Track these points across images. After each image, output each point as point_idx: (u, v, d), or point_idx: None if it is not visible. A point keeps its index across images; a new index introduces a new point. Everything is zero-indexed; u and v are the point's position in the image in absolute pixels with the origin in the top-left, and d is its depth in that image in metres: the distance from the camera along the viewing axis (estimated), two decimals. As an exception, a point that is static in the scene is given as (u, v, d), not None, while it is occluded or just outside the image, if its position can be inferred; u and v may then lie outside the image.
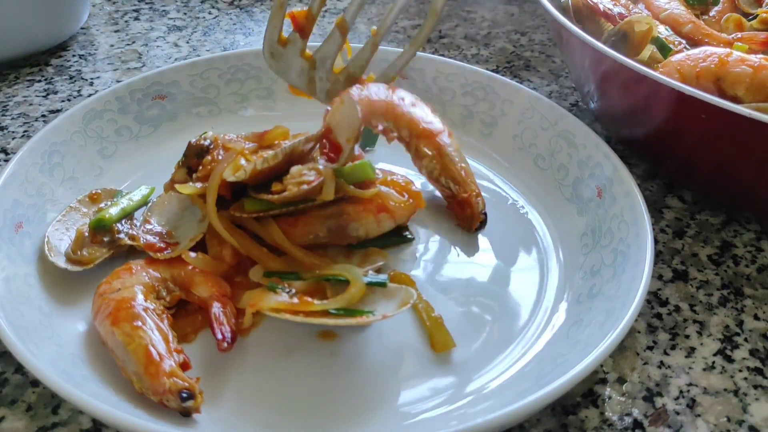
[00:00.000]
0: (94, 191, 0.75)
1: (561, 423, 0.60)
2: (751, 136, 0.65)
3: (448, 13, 1.29)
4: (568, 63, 0.92)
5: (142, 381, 0.56)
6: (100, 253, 0.68)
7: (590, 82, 0.83)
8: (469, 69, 0.91)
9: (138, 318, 0.59)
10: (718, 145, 0.71)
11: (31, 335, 0.58)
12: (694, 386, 0.63)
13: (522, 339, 0.65)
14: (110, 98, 0.84)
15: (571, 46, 0.83)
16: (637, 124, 0.79)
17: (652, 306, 0.71)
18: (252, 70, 0.92)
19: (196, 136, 0.72)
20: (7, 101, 1.00)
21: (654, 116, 0.75)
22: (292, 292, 0.61)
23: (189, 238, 0.67)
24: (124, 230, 0.71)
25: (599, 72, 0.80)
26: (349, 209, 0.68)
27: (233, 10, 1.29)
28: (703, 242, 0.79)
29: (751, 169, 0.71)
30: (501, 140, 0.87)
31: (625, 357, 0.66)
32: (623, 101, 0.80)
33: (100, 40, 1.17)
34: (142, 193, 0.75)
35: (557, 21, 0.79)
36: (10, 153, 0.90)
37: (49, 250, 0.67)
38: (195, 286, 0.64)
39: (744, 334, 0.68)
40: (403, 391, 0.60)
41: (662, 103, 0.72)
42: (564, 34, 0.81)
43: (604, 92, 0.82)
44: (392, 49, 0.94)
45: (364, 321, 0.58)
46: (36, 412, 0.59)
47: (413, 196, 0.72)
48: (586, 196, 0.76)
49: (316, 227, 0.67)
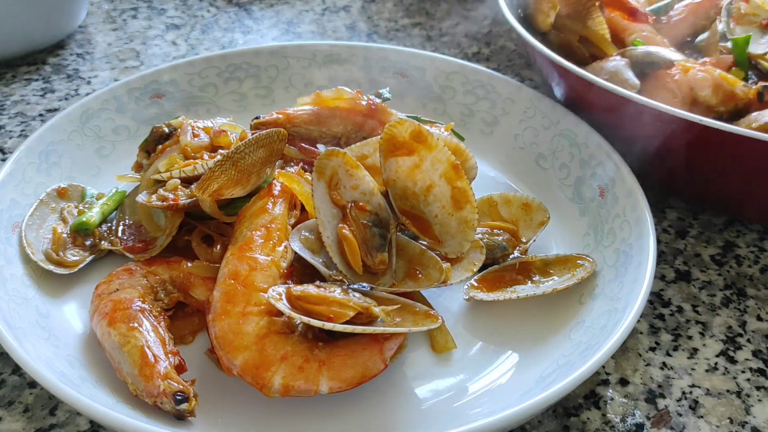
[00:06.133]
0: (60, 186, 0.74)
1: (563, 425, 0.59)
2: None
3: (449, 11, 1.29)
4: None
5: (136, 382, 0.55)
6: (82, 257, 0.68)
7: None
8: (470, 67, 0.90)
9: (134, 319, 0.58)
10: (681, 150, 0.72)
11: (29, 336, 0.58)
12: (697, 387, 0.63)
13: (523, 340, 0.64)
14: (108, 97, 0.84)
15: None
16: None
17: (655, 307, 0.71)
18: (251, 69, 0.92)
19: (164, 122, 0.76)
20: (4, 100, 0.99)
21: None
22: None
23: (161, 233, 0.68)
24: (103, 233, 0.71)
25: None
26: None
27: (232, 8, 1.28)
28: (705, 242, 0.79)
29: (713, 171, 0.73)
30: (502, 139, 0.87)
31: (627, 358, 0.65)
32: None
33: (97, 39, 1.16)
34: (116, 195, 0.75)
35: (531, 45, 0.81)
36: (7, 152, 0.89)
37: (28, 245, 0.67)
38: (193, 288, 0.63)
39: (747, 335, 0.68)
40: (403, 391, 0.60)
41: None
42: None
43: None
44: (392, 47, 0.94)
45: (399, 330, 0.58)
46: (33, 413, 0.59)
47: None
48: (588, 195, 0.76)
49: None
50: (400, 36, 1.21)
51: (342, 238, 0.61)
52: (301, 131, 0.75)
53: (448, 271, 0.62)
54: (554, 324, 0.65)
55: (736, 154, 0.69)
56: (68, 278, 0.67)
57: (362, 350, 0.56)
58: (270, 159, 0.67)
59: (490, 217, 0.73)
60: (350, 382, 0.56)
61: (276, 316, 0.57)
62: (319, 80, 0.93)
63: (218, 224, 0.67)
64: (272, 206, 0.63)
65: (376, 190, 0.64)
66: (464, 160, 0.69)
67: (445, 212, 0.64)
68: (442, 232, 0.64)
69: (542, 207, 0.72)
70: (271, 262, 0.59)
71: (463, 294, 0.67)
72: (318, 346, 0.56)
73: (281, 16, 1.26)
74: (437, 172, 0.63)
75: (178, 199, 0.66)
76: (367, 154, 0.67)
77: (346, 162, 0.63)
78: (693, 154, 0.72)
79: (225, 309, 0.57)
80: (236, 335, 0.56)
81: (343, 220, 0.62)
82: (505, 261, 0.69)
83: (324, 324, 0.54)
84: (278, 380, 0.54)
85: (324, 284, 0.58)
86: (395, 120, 0.63)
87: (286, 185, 0.66)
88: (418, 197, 0.64)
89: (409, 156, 0.63)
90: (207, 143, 0.72)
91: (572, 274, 0.67)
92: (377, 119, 0.76)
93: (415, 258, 0.64)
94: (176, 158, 0.70)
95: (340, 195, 0.63)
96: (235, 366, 0.55)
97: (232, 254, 0.60)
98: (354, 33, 1.21)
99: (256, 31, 1.21)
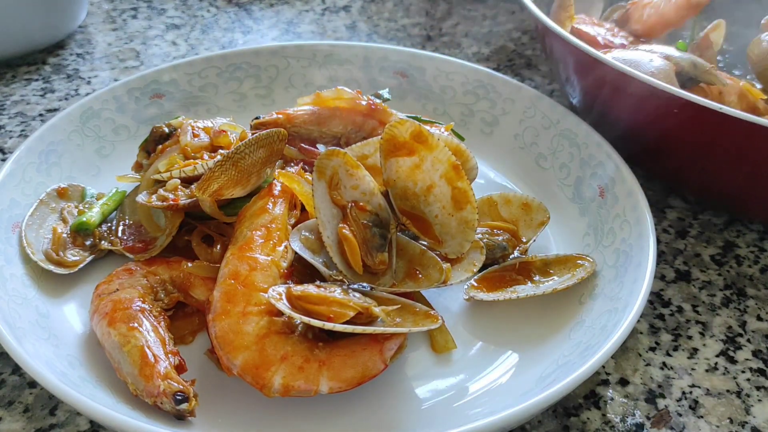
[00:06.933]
0: (60, 186, 0.74)
1: (563, 425, 0.59)
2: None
3: (449, 11, 1.29)
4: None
5: (136, 382, 0.55)
6: (82, 257, 0.68)
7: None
8: (470, 67, 0.90)
9: (134, 319, 0.58)
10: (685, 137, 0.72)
11: (29, 336, 0.58)
12: (697, 387, 0.63)
13: (523, 340, 0.64)
14: (108, 97, 0.84)
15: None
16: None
17: (655, 307, 0.71)
18: (251, 69, 0.92)
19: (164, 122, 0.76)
20: (4, 100, 0.99)
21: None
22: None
23: (161, 233, 0.68)
24: (103, 233, 0.71)
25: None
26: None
27: (232, 8, 1.28)
28: (705, 242, 0.79)
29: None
30: (502, 139, 0.87)
31: (627, 358, 0.65)
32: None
33: (97, 39, 1.16)
34: (116, 195, 0.75)
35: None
36: (7, 152, 0.89)
37: (28, 245, 0.67)
38: (193, 288, 0.63)
39: (747, 335, 0.68)
40: (403, 391, 0.60)
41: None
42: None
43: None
44: (392, 47, 0.94)
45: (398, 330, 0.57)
46: (33, 413, 0.59)
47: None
48: (588, 195, 0.76)
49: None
50: (400, 36, 1.21)
51: (342, 238, 0.61)
52: (301, 131, 0.75)
53: (448, 271, 0.62)
54: (554, 324, 0.65)
55: (747, 144, 0.68)
56: (68, 278, 0.67)
57: (362, 350, 0.56)
58: (270, 159, 0.67)
59: (490, 217, 0.73)
60: (350, 382, 0.56)
61: (276, 316, 0.57)
62: (319, 80, 0.93)
63: (218, 224, 0.67)
64: (272, 206, 0.63)
65: (376, 190, 0.64)
66: (465, 160, 0.69)
67: (445, 212, 0.64)
68: (442, 232, 0.64)
69: (542, 207, 0.72)
70: (272, 262, 0.59)
71: (463, 294, 0.67)
72: (318, 346, 0.56)
73: (281, 16, 1.26)
74: (438, 172, 0.63)
75: (178, 199, 0.66)
76: (367, 154, 0.67)
77: (346, 162, 0.63)
78: (702, 144, 0.72)
79: (225, 309, 0.57)
80: (236, 335, 0.56)
81: (344, 220, 0.62)
82: (505, 261, 0.69)
83: (324, 324, 0.54)
84: (278, 380, 0.54)
85: (324, 284, 0.58)
86: (396, 120, 0.63)
87: (287, 185, 0.66)
88: (418, 197, 0.64)
89: (409, 156, 0.63)
90: (207, 143, 0.72)
91: (572, 274, 0.67)
92: (377, 119, 0.76)
93: (415, 258, 0.64)
94: (176, 158, 0.70)
95: (341, 195, 0.63)
96: (235, 366, 0.55)
97: (232, 254, 0.60)
98: (354, 33, 1.21)
99: (256, 31, 1.21)
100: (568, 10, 0.96)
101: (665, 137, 0.75)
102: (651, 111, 0.73)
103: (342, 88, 0.76)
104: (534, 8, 0.85)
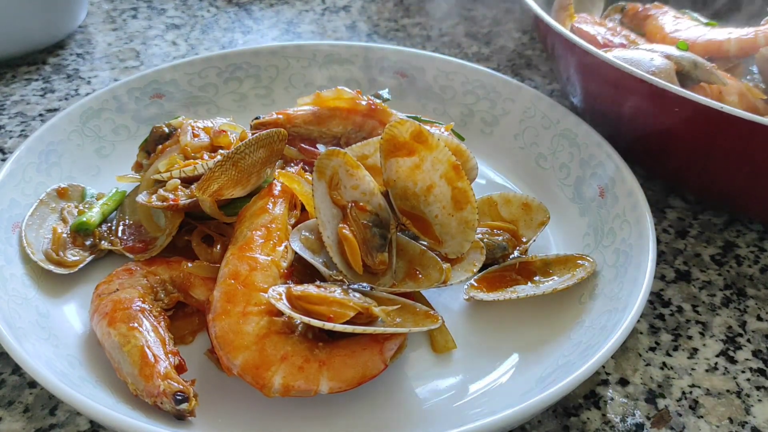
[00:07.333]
0: (60, 186, 0.74)
1: (563, 425, 0.59)
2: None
3: (449, 11, 1.29)
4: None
5: (136, 382, 0.55)
6: (82, 257, 0.68)
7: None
8: (470, 67, 0.90)
9: (134, 319, 0.58)
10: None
11: (29, 336, 0.58)
12: (697, 387, 0.63)
13: (523, 340, 0.64)
14: (108, 97, 0.84)
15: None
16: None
17: (655, 307, 0.71)
18: (251, 69, 0.92)
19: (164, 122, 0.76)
20: (4, 100, 0.99)
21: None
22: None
23: (161, 233, 0.68)
24: (103, 233, 0.71)
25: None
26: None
27: (232, 8, 1.28)
28: (705, 242, 0.79)
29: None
30: (502, 139, 0.87)
31: (627, 358, 0.65)
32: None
33: (97, 39, 1.16)
34: (116, 195, 0.75)
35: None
36: (7, 152, 0.89)
37: (28, 245, 0.67)
38: (193, 288, 0.63)
39: (747, 335, 0.68)
40: (403, 391, 0.60)
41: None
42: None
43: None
44: (392, 47, 0.94)
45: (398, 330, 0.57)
46: (33, 413, 0.59)
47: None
48: (588, 195, 0.76)
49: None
50: (400, 36, 1.21)
51: (342, 238, 0.61)
52: (301, 131, 0.75)
53: (448, 271, 0.62)
54: (554, 324, 0.65)
55: (747, 144, 0.68)
56: (68, 278, 0.67)
57: (362, 350, 0.56)
58: (270, 159, 0.67)
59: (490, 217, 0.73)
60: (350, 383, 0.56)
61: (276, 316, 0.57)
62: (319, 80, 0.93)
63: (218, 224, 0.68)
64: (272, 206, 0.63)
65: (376, 190, 0.64)
66: (465, 160, 0.69)
67: (445, 212, 0.64)
68: (442, 232, 0.64)
69: (542, 207, 0.72)
70: (272, 262, 0.59)
71: (463, 294, 0.67)
72: (318, 346, 0.56)
73: (281, 16, 1.26)
74: (438, 172, 0.63)
75: (178, 199, 0.66)
76: (367, 154, 0.67)
77: (346, 162, 0.63)
78: (703, 143, 0.72)
79: (225, 309, 0.57)
80: (236, 335, 0.56)
81: (344, 220, 0.62)
82: (505, 261, 0.69)
83: (324, 324, 0.54)
84: (278, 380, 0.54)
85: (324, 284, 0.58)
86: (396, 120, 0.63)
87: (287, 185, 0.66)
88: (418, 197, 0.64)
89: (409, 156, 0.63)
90: (207, 143, 0.72)
91: (572, 274, 0.67)
92: (377, 119, 0.76)
93: (415, 258, 0.64)
94: (176, 158, 0.70)
95: (341, 195, 0.63)
96: (235, 366, 0.55)
97: (233, 254, 0.60)
98: (354, 33, 1.21)
99: (256, 31, 1.21)
100: (568, 9, 0.96)
101: (665, 136, 0.75)
102: (651, 110, 0.73)
103: (342, 88, 0.76)
104: (535, 6, 0.85)
